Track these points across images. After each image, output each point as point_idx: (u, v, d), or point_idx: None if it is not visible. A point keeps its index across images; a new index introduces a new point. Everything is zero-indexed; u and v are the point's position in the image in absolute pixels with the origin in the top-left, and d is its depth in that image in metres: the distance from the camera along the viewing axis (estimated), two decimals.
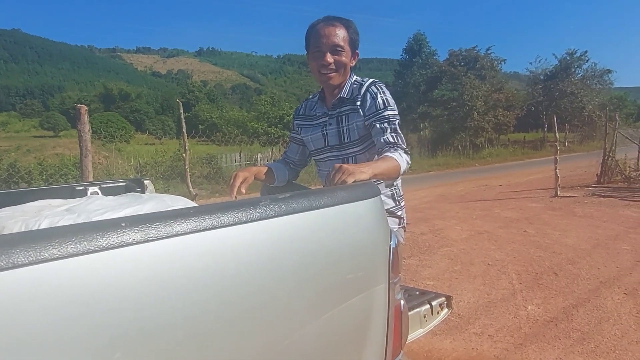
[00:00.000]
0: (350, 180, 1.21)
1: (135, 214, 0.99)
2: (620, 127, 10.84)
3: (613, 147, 9.77)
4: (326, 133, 1.74)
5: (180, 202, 1.14)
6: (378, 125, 1.60)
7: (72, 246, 0.54)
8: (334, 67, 1.63)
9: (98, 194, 1.79)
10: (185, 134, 4.65)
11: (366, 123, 1.64)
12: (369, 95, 1.64)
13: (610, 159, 9.73)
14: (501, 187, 11.06)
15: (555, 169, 8.43)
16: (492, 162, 22.56)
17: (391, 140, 1.57)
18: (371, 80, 1.70)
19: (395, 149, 1.54)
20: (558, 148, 8.72)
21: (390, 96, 1.65)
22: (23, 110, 79.78)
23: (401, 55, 34.77)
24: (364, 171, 1.27)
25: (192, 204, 1.20)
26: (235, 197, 1.50)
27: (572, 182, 10.31)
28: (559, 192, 8.32)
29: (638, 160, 10.73)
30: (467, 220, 6.45)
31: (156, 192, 2.05)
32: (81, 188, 1.76)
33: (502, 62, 30.44)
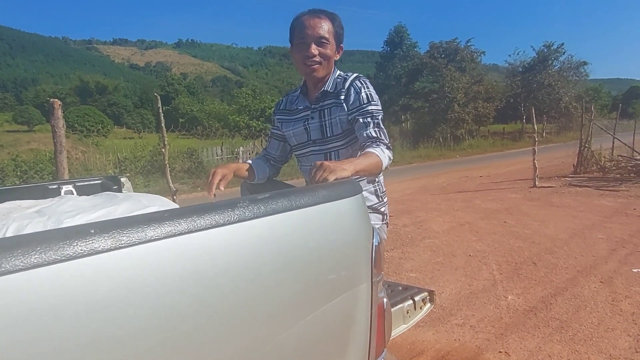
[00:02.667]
0: (331, 178, 1.19)
1: (109, 215, 0.96)
2: (595, 119, 11.09)
3: (589, 138, 9.99)
4: (309, 127, 1.72)
5: (157, 202, 1.10)
6: (361, 120, 1.59)
7: (36, 256, 0.51)
8: (318, 59, 1.61)
9: (72, 192, 1.74)
10: (164, 129, 4.56)
11: (349, 117, 1.63)
12: (352, 89, 1.63)
13: (586, 149, 9.94)
14: (481, 178, 11.22)
15: (534, 160, 8.58)
16: (473, 154, 22.85)
17: (374, 134, 1.56)
18: (355, 74, 1.68)
19: (378, 144, 1.53)
20: (536, 139, 8.86)
21: (374, 91, 1.64)
22: None
23: (382, 47, 34.78)
24: (345, 168, 1.26)
25: (170, 203, 1.17)
26: (214, 194, 1.47)
27: (550, 172, 10.52)
28: (537, 183, 8.48)
29: (612, 151, 11.01)
30: (449, 212, 6.52)
31: (135, 189, 2.01)
32: (54, 187, 1.70)
33: (482, 55, 30.77)
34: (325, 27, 1.60)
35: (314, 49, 1.59)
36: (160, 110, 4.43)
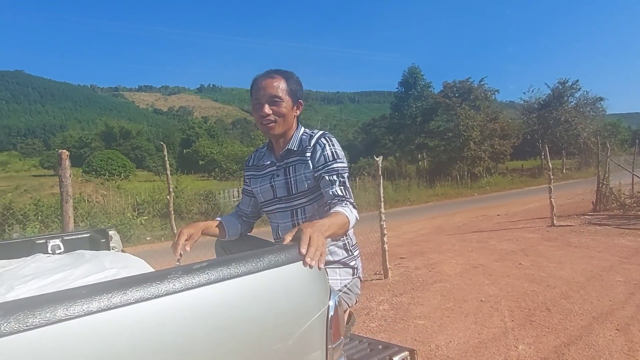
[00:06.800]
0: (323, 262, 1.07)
1: (63, 280, 0.96)
2: (614, 154, 10.89)
3: (606, 175, 9.77)
4: (274, 184, 1.73)
5: (119, 264, 1.10)
6: (327, 177, 1.59)
7: None
8: (272, 118, 1.65)
9: (60, 247, 1.76)
10: (169, 176, 4.65)
11: (315, 174, 1.63)
12: (318, 146, 1.65)
13: (604, 186, 9.71)
14: (499, 217, 11.00)
15: (550, 198, 8.40)
16: (491, 191, 22.52)
17: (340, 193, 1.55)
18: (321, 132, 1.71)
19: (346, 204, 1.52)
20: (552, 177, 8.69)
21: (339, 148, 1.66)
22: (24, 150, 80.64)
23: (397, 88, 35.32)
24: (323, 237, 1.16)
25: (138, 262, 1.17)
26: (180, 255, 1.46)
27: (569, 210, 10.26)
28: (555, 222, 8.26)
29: (632, 187, 10.71)
30: (463, 254, 6.37)
31: (152, 231, 2.02)
32: (42, 241, 1.73)
33: (496, 93, 30.96)
34: (277, 86, 1.64)
35: (267, 109, 1.64)
36: (166, 158, 4.54)
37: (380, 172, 5.35)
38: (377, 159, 5.39)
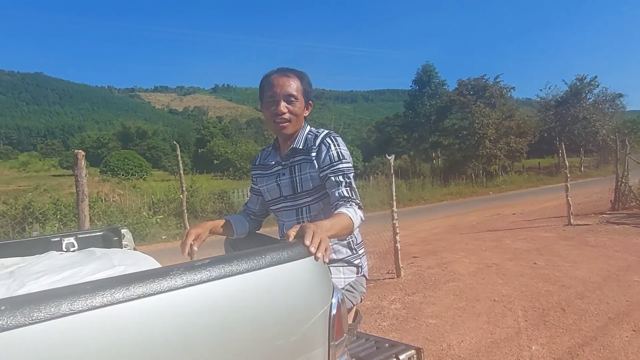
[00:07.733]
0: (328, 256, 1.09)
1: (73, 277, 0.99)
2: (634, 151, 10.66)
3: (625, 173, 9.58)
4: (280, 183, 1.73)
5: (128, 261, 1.12)
6: (333, 178, 1.59)
7: None
8: (287, 117, 1.65)
9: (74, 245, 1.80)
10: (182, 175, 4.72)
11: (321, 174, 1.63)
12: (323, 146, 1.64)
13: (623, 185, 9.52)
14: (514, 215, 10.87)
15: (567, 196, 8.27)
16: (507, 190, 22.26)
17: (346, 194, 1.55)
18: (326, 131, 1.70)
19: (351, 205, 1.52)
20: (569, 175, 8.56)
21: (345, 148, 1.65)
22: (43, 150, 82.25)
23: (411, 86, 35.10)
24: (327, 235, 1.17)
25: (146, 258, 1.19)
26: (189, 255, 1.48)
27: (587, 209, 10.09)
28: (572, 221, 8.13)
29: None
30: (476, 253, 6.32)
31: (167, 230, 2.06)
32: (57, 239, 1.77)
33: (512, 90, 30.56)
34: (293, 86, 1.64)
35: (283, 107, 1.63)
36: (179, 158, 4.61)
37: (392, 170, 5.34)
38: (389, 157, 5.37)
